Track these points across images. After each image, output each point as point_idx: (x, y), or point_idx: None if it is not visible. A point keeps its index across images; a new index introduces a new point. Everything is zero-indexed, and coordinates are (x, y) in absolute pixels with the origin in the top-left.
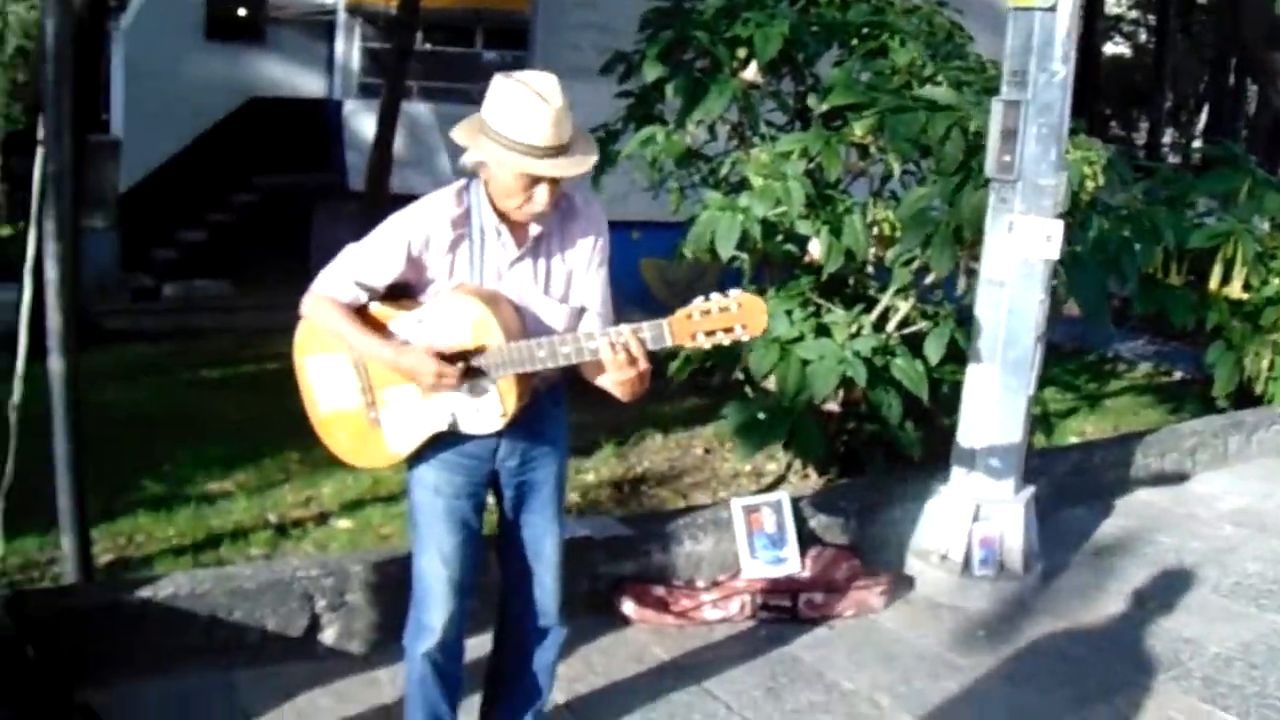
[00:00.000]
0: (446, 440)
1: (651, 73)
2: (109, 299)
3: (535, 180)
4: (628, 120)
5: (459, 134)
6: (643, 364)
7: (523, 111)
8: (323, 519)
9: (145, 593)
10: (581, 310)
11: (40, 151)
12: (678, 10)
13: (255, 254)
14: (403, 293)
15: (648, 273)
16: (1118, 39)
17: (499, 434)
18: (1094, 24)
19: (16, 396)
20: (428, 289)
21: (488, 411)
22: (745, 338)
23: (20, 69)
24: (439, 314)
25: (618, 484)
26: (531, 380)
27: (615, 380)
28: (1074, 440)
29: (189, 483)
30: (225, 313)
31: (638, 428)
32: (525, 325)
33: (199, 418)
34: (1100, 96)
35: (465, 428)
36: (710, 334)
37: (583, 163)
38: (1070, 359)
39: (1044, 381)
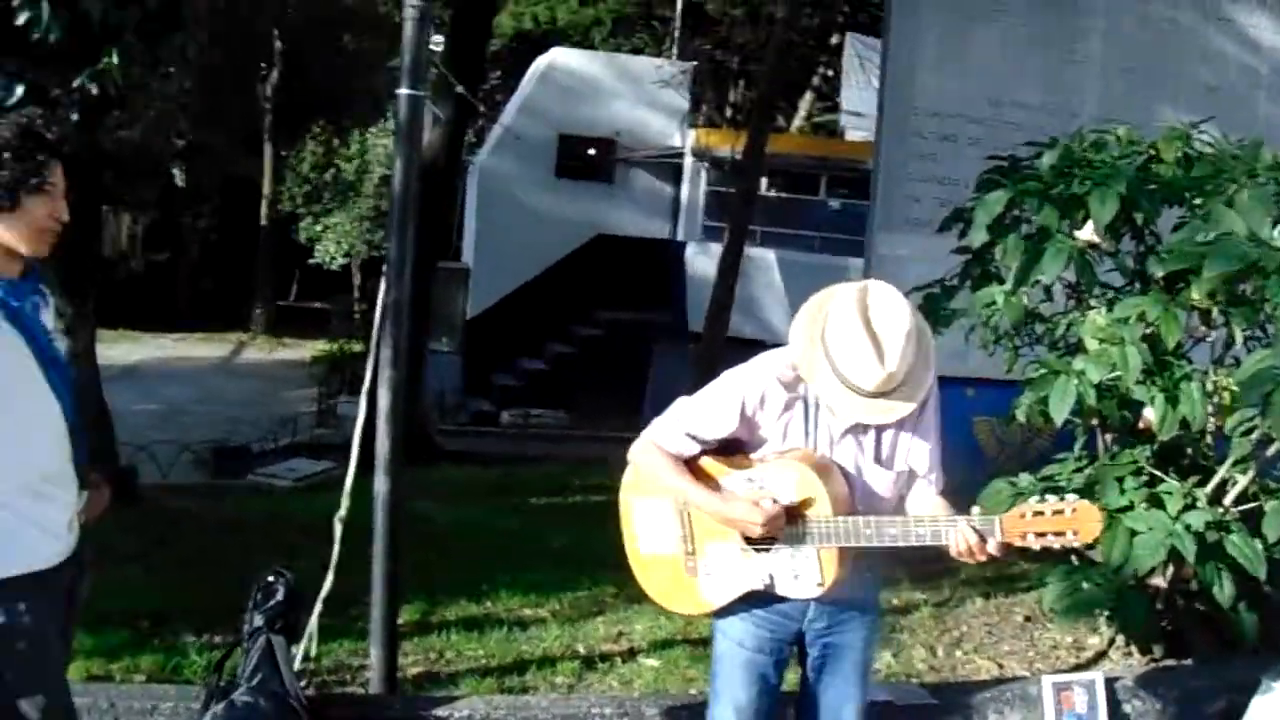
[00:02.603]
0: (758, 596)
1: (979, 237)
2: (449, 419)
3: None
4: (963, 277)
5: (799, 329)
6: (980, 557)
7: (859, 360)
8: (631, 655)
9: (441, 712)
10: (911, 474)
11: (383, 281)
12: (1014, 168)
13: (592, 386)
14: (734, 449)
15: (980, 431)
16: None
17: None
18: None
19: (343, 510)
20: (760, 448)
21: (806, 578)
22: (1076, 543)
23: (385, 197)
24: (769, 476)
25: (932, 647)
26: (851, 551)
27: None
28: None
29: (503, 605)
30: (559, 441)
31: (958, 589)
32: (854, 494)
33: (521, 542)
34: None
35: (781, 590)
36: (1040, 535)
37: (900, 408)
38: None
39: None
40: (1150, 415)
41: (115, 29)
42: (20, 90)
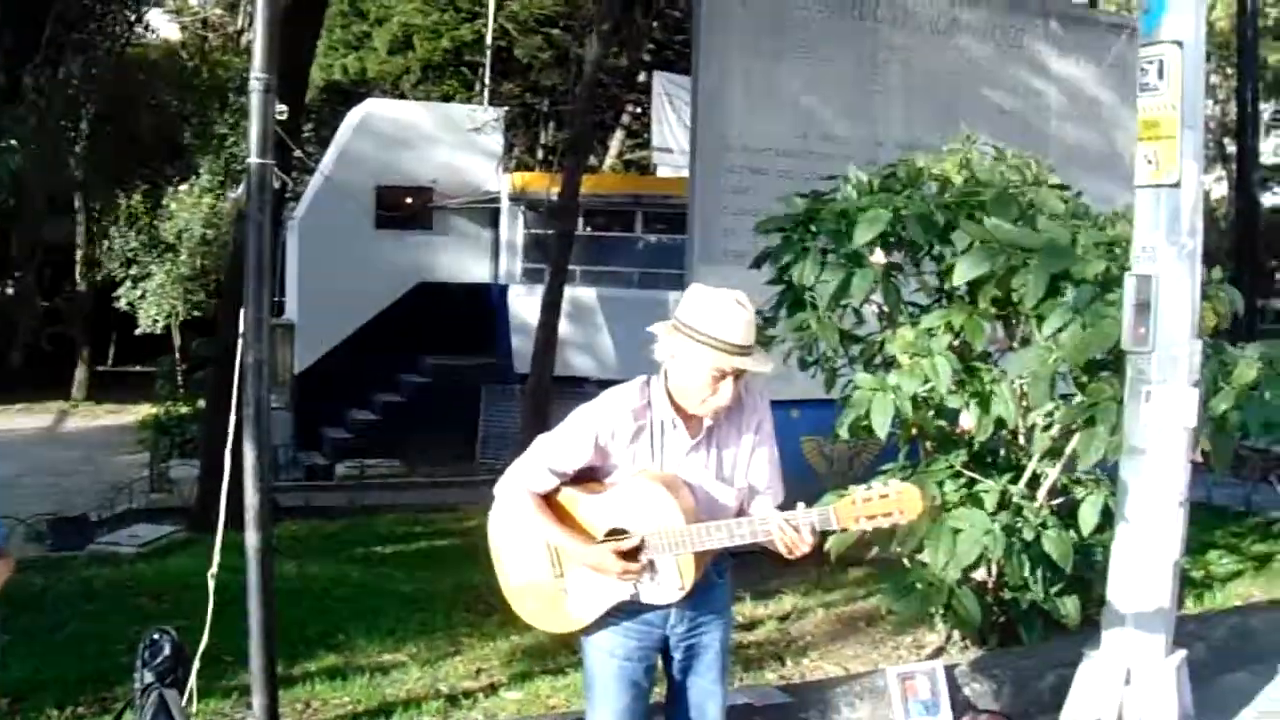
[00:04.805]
0: (625, 609)
1: (781, 258)
2: (283, 475)
3: (723, 375)
4: (779, 305)
5: (656, 327)
6: (809, 544)
7: (720, 312)
8: (492, 690)
9: None
10: (751, 489)
11: (241, 342)
12: (817, 200)
13: (424, 433)
14: (589, 476)
15: (808, 450)
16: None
17: (671, 603)
18: (1249, 175)
19: (214, 567)
20: (612, 473)
21: (667, 584)
22: (903, 521)
23: (203, 255)
24: (624, 497)
25: (779, 656)
26: (706, 556)
27: (783, 553)
28: (1236, 604)
29: (363, 653)
30: (396, 490)
31: (800, 603)
32: (700, 505)
33: (371, 591)
34: (1262, 247)
35: (646, 598)
36: (871, 518)
37: (766, 362)
38: (1235, 521)
39: (1206, 545)
40: (966, 420)
41: None
42: None
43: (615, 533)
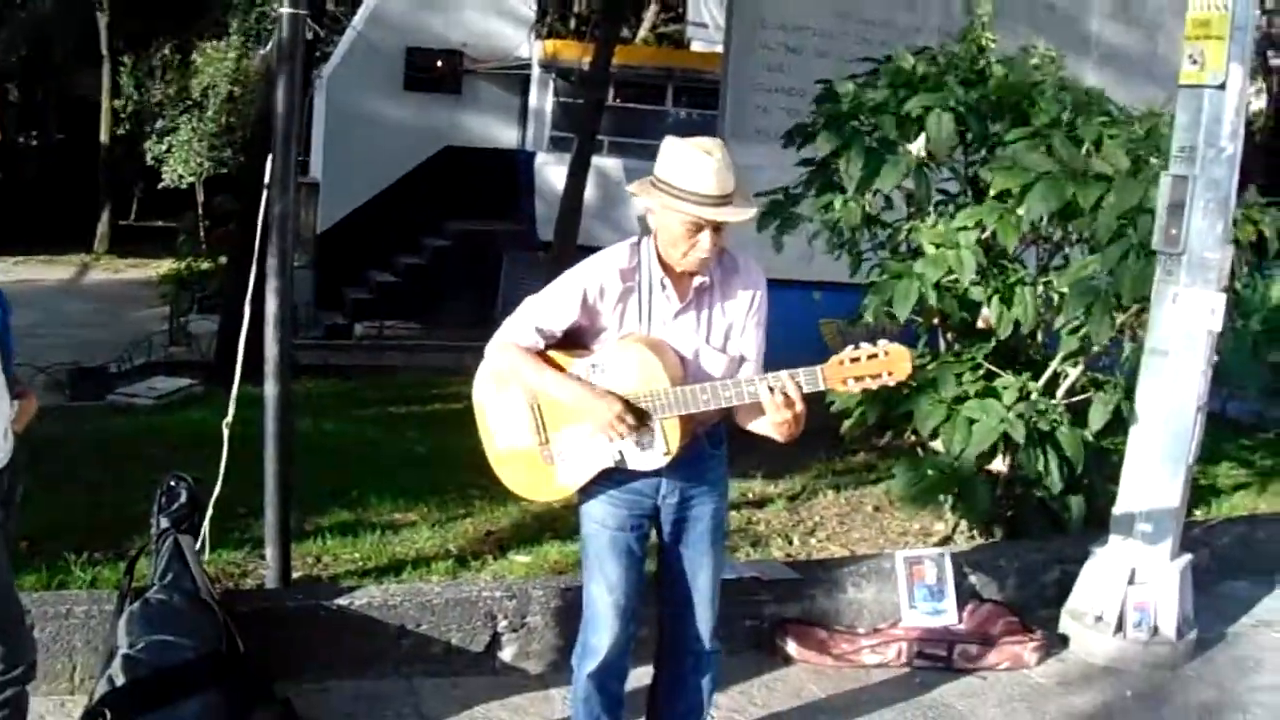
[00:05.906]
0: (613, 477)
1: (825, 146)
2: (302, 334)
3: (699, 227)
4: (808, 185)
5: (633, 187)
6: (799, 406)
7: (689, 163)
8: (501, 552)
9: (342, 600)
10: (740, 360)
11: (265, 195)
12: (856, 82)
13: (444, 297)
14: (575, 341)
15: (827, 333)
16: None
17: (661, 473)
18: None
19: (230, 416)
20: (599, 336)
21: (653, 450)
22: (891, 383)
23: (229, 112)
24: (611, 359)
25: (787, 536)
26: (693, 422)
27: (773, 422)
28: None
29: (374, 511)
30: (413, 352)
31: (810, 484)
32: (687, 371)
33: (385, 450)
34: None
35: (631, 464)
36: (859, 379)
37: (743, 211)
38: (1248, 434)
39: (1217, 456)
40: (988, 314)
41: None
42: None
43: None
